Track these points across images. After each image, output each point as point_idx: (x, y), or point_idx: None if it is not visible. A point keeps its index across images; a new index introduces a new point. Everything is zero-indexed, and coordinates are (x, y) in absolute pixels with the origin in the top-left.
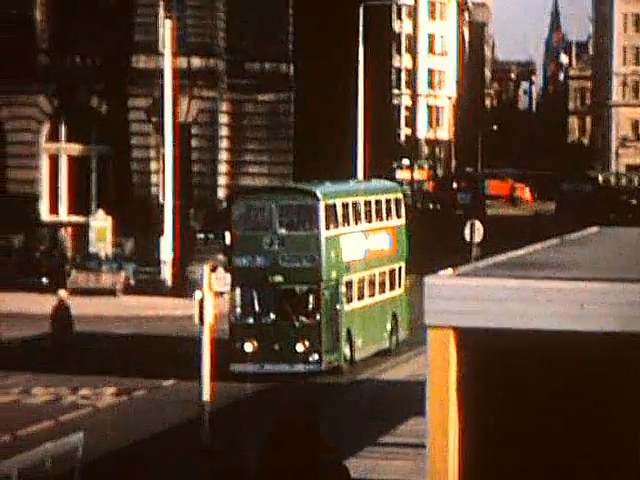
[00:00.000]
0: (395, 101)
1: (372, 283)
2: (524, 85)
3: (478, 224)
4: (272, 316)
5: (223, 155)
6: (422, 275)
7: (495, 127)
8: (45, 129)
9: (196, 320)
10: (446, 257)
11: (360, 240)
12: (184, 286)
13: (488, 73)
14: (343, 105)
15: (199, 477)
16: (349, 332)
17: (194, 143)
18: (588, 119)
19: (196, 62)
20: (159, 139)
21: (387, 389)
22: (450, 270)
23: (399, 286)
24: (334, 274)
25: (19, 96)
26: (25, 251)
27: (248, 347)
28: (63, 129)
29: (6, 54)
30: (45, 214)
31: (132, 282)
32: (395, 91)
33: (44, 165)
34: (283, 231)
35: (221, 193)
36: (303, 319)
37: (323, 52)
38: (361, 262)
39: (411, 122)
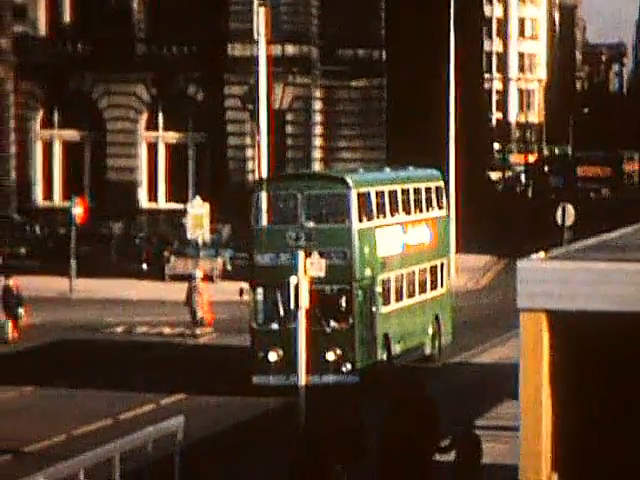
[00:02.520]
0: (486, 85)
1: (411, 282)
2: (615, 67)
3: (569, 207)
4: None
5: (317, 141)
6: (514, 259)
7: (586, 110)
8: (143, 117)
9: (292, 305)
10: (538, 241)
11: (397, 233)
12: None
13: (579, 56)
14: (435, 90)
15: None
16: (386, 337)
17: (289, 130)
18: None
19: (290, 49)
20: (254, 126)
21: (480, 372)
22: (542, 253)
23: (441, 285)
24: (368, 272)
25: (118, 85)
26: (125, 238)
27: (272, 356)
28: (161, 117)
29: (105, 44)
30: (144, 201)
31: (229, 268)
32: (486, 75)
33: (143, 153)
34: (310, 224)
35: None
36: (334, 324)
37: (415, 37)
38: (398, 258)
39: (502, 106)
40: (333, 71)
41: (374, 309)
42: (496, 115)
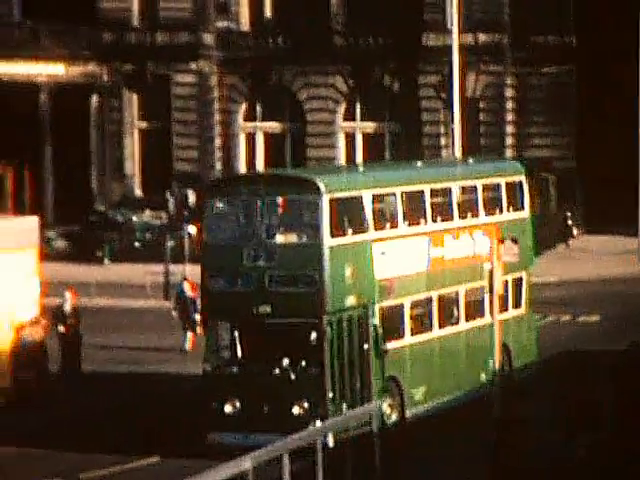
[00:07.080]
0: None
1: (452, 306)
2: None
3: None
4: (258, 364)
5: (509, 128)
6: None
7: None
8: (341, 108)
9: (486, 290)
10: None
11: (418, 247)
12: None
13: None
14: (625, 74)
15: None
16: (394, 380)
17: (481, 117)
18: None
19: (482, 38)
20: (448, 115)
21: None
22: None
23: (516, 305)
24: (351, 301)
25: (317, 77)
26: None
27: (228, 408)
28: (358, 108)
29: (304, 37)
30: None
31: None
32: None
33: (341, 143)
34: (272, 240)
35: None
36: (302, 369)
37: (605, 22)
38: (421, 278)
39: None
40: (524, 58)
41: (366, 346)
42: None
